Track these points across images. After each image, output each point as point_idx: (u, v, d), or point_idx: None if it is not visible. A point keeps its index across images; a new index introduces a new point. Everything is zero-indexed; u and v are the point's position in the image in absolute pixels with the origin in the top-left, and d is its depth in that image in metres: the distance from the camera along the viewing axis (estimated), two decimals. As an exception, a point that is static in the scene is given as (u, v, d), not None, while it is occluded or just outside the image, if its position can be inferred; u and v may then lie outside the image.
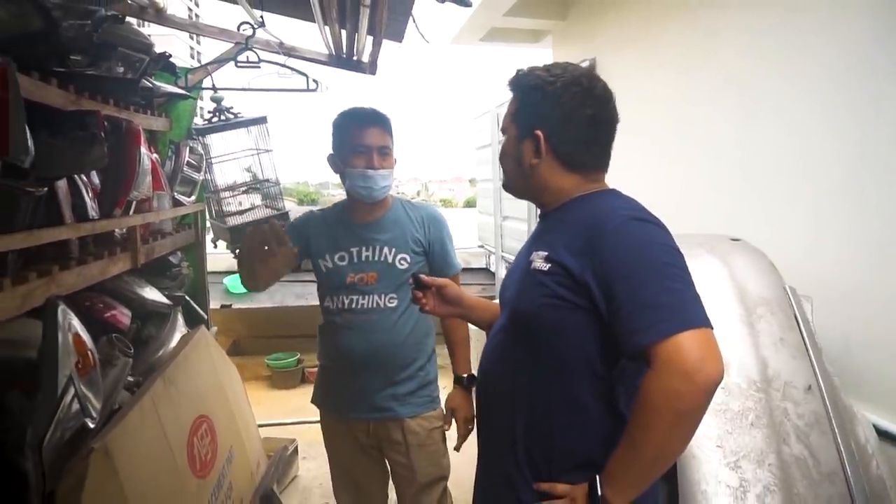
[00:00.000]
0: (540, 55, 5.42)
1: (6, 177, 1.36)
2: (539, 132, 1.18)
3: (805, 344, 1.40)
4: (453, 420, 2.00)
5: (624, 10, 3.70)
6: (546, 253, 1.16)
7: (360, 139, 1.90)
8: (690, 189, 3.13)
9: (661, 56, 3.33)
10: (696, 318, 0.97)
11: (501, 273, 5.73)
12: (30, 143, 1.39)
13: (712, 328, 0.99)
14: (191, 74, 2.73)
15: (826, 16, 2.19)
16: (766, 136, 2.51)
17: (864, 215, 1.98)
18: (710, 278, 1.50)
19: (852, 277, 1.92)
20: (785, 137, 2.40)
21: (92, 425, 1.40)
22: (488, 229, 5.96)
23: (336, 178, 2.05)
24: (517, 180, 1.27)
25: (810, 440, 1.29)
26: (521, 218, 5.01)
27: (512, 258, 5.47)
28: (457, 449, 1.98)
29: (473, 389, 1.83)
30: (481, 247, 6.53)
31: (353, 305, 1.96)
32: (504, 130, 1.27)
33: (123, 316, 2.23)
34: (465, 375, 2.01)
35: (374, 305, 1.95)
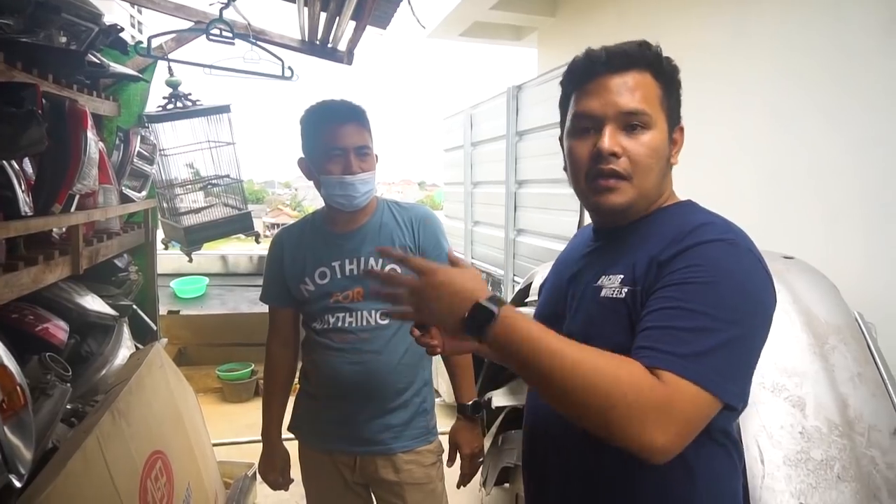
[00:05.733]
0: (522, 54, 5.25)
1: None
2: (683, 126, 1.03)
3: (883, 379, 1.23)
4: (457, 456, 1.77)
5: (626, 5, 3.51)
6: (622, 276, 0.95)
7: (334, 140, 1.64)
8: (718, 200, 2.93)
9: (674, 54, 3.15)
10: (722, 387, 0.81)
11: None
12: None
13: (732, 409, 0.84)
14: (153, 46, 2.36)
15: (881, 15, 2.06)
16: (807, 144, 2.35)
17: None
18: (769, 301, 1.32)
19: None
20: (829, 145, 2.24)
21: (19, 484, 1.08)
22: (457, 235, 5.73)
23: (282, 176, 1.80)
24: (653, 183, 0.99)
25: (903, 495, 1.12)
26: (495, 224, 4.80)
27: (483, 265, 5.25)
28: (459, 486, 1.79)
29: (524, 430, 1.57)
30: (447, 252, 6.28)
31: (340, 324, 1.72)
32: (639, 117, 0.96)
33: (58, 329, 1.92)
34: (470, 403, 1.77)
35: (365, 323, 1.72)
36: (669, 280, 0.87)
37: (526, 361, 0.82)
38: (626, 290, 0.93)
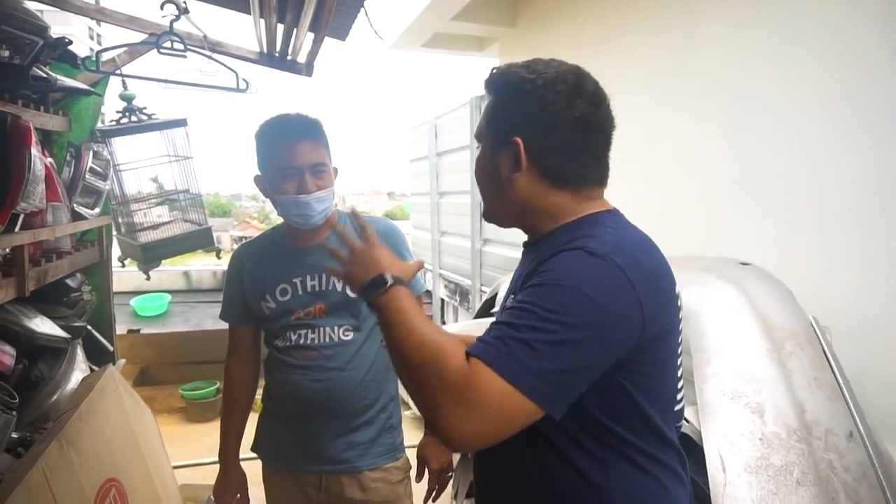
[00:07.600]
0: (484, 64, 5.28)
1: None
2: (517, 140, 0.97)
3: (839, 383, 1.25)
4: (425, 472, 1.74)
5: (583, 15, 3.56)
6: (511, 296, 1.00)
7: (288, 159, 1.59)
8: (672, 209, 2.95)
9: (631, 62, 3.19)
10: (523, 378, 0.80)
11: (440, 291, 5.47)
12: None
13: (535, 407, 0.81)
14: (103, 59, 2.30)
15: (832, 8, 2.10)
16: (763, 147, 2.38)
17: (881, 236, 1.87)
18: (728, 308, 1.34)
19: (868, 305, 1.82)
20: (785, 148, 2.27)
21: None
22: (424, 245, 5.72)
23: (249, 189, 1.76)
24: (493, 200, 1.05)
25: (860, 496, 1.13)
26: (462, 234, 4.80)
27: (452, 276, 5.25)
28: (426, 502, 1.74)
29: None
30: (415, 263, 6.27)
31: (302, 341, 1.67)
32: (478, 137, 1.06)
33: (4, 355, 1.87)
34: None
35: (327, 340, 1.68)
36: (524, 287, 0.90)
37: (389, 329, 0.91)
38: None
